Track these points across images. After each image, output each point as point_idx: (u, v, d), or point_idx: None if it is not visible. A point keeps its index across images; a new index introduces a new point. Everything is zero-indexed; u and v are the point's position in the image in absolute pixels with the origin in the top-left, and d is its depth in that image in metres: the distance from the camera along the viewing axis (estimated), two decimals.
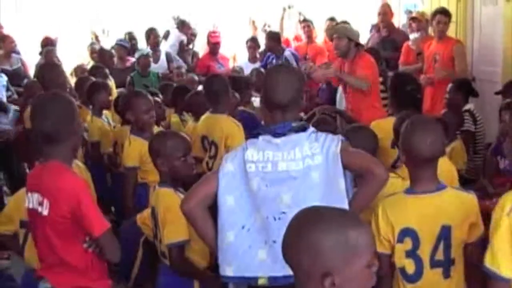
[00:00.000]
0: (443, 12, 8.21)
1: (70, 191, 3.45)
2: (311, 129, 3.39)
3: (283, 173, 3.28)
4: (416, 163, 3.48)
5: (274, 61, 9.99)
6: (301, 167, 3.26)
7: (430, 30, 8.80)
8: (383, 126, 5.17)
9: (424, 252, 3.44)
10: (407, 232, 3.46)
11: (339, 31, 7.38)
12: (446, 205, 3.45)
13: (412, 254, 3.46)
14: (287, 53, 10.11)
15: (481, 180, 6.20)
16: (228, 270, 3.35)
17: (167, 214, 3.99)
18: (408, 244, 3.46)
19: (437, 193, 3.47)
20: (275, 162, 3.29)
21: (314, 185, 3.25)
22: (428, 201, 3.46)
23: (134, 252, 4.51)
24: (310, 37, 10.85)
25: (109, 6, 16.44)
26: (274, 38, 10.27)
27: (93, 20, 15.44)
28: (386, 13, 9.75)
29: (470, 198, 3.52)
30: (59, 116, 3.56)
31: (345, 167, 3.31)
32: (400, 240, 3.47)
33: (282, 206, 3.25)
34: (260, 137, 3.38)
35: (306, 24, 10.88)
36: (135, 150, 5.41)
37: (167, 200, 4.05)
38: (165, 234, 3.99)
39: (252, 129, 4.83)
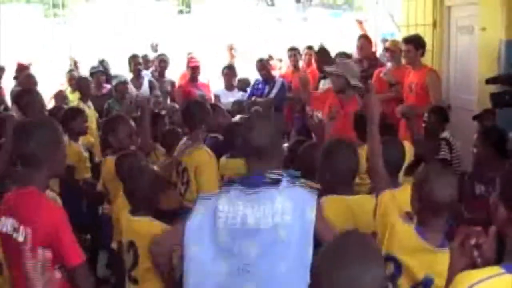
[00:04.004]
0: (405, 41, 8.24)
1: (48, 220, 3.41)
2: (285, 182, 3.31)
3: (251, 229, 3.24)
4: (431, 210, 3.44)
5: (260, 85, 10.03)
6: (270, 224, 3.22)
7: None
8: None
9: None
10: None
11: (339, 67, 7.15)
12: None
13: None
14: (278, 80, 10.14)
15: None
16: None
17: None
18: None
19: (439, 250, 3.43)
20: (244, 216, 3.25)
21: (281, 242, 3.23)
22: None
23: None
24: (296, 66, 10.83)
25: (83, 34, 16.50)
26: (266, 65, 10.30)
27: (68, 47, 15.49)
28: (364, 46, 9.76)
29: None
30: (42, 140, 3.53)
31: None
32: None
33: (247, 259, 3.25)
34: (233, 187, 3.35)
35: (293, 53, 10.84)
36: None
37: (153, 230, 4.05)
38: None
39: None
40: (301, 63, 11.15)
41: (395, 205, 3.79)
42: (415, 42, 8.01)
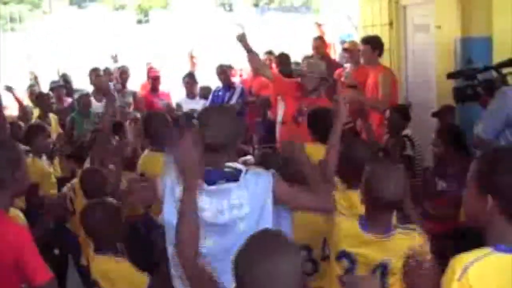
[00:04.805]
0: (362, 41, 8.39)
1: (13, 239, 3.40)
2: (243, 175, 3.34)
3: (208, 223, 3.27)
4: (377, 207, 3.54)
5: (220, 93, 10.03)
6: (227, 218, 3.26)
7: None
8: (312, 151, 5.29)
9: None
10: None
11: (309, 67, 7.27)
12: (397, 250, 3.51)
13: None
14: (238, 87, 10.15)
15: (420, 203, 6.32)
16: None
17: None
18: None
19: (387, 238, 3.55)
20: (202, 209, 3.24)
21: (240, 235, 3.20)
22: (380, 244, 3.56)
23: None
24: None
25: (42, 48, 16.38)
26: (226, 70, 10.28)
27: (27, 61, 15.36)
28: (319, 47, 9.89)
29: (418, 240, 3.56)
30: (3, 160, 3.52)
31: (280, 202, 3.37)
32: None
33: (204, 249, 3.27)
34: None
35: None
36: None
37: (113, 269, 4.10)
38: None
39: None
40: None
41: (341, 204, 3.90)
42: (372, 43, 8.11)
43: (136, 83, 11.54)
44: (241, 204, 3.27)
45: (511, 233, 2.55)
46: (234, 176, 3.33)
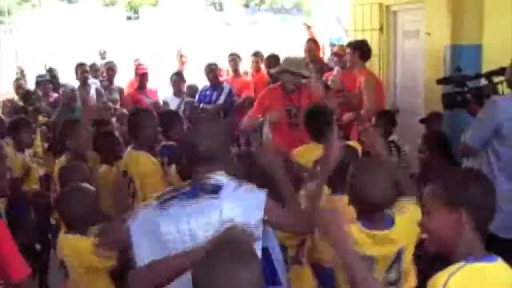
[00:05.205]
0: (347, 44, 8.44)
1: None
2: (228, 188, 3.23)
3: (202, 242, 3.08)
4: (365, 209, 3.49)
5: (207, 92, 9.98)
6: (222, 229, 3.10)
7: None
8: (305, 152, 5.31)
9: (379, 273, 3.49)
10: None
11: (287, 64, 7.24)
12: (399, 234, 3.49)
13: None
14: (226, 87, 10.10)
15: None
16: None
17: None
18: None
19: (389, 230, 3.49)
20: (191, 230, 3.13)
21: None
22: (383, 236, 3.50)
23: None
24: (236, 71, 10.87)
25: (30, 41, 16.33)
26: (215, 70, 10.22)
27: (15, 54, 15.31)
28: (311, 49, 9.83)
29: (415, 209, 3.49)
30: None
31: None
32: None
33: None
34: (170, 203, 3.20)
35: (233, 58, 10.86)
36: None
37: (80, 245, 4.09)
38: None
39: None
40: (246, 69, 11.17)
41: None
42: (353, 45, 8.16)
43: (125, 80, 11.48)
44: (233, 218, 3.11)
45: (479, 246, 2.65)
46: (213, 191, 3.21)
